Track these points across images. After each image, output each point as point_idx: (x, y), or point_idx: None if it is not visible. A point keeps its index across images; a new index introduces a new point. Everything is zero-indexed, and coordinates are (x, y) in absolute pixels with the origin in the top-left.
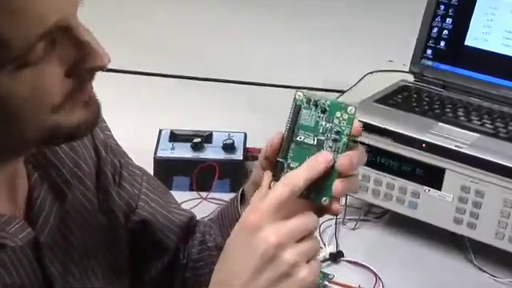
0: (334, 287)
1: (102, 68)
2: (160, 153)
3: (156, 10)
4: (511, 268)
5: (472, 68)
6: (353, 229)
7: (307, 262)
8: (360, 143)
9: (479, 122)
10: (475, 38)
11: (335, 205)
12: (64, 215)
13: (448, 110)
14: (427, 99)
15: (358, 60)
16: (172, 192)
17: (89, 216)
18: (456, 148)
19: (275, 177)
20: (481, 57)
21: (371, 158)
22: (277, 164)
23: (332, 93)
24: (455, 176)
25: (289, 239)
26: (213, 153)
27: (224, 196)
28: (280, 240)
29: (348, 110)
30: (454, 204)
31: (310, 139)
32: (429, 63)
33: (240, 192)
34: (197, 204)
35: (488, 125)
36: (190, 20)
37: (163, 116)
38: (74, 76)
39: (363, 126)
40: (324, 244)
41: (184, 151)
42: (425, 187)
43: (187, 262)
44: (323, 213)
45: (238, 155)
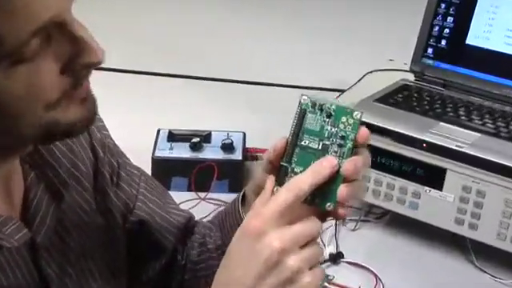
0: None
1: (97, 64)
2: (158, 153)
3: (156, 10)
4: None
5: (473, 67)
6: (353, 229)
7: (310, 269)
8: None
9: (480, 122)
10: (476, 37)
11: (341, 210)
12: (61, 216)
13: (449, 110)
14: (428, 98)
15: (358, 59)
16: (170, 192)
17: (86, 216)
18: (457, 148)
19: (278, 181)
20: (482, 56)
21: (371, 158)
22: (280, 168)
23: (332, 92)
24: (456, 176)
25: (293, 245)
26: (211, 153)
27: (223, 196)
28: (284, 245)
29: (354, 115)
30: (455, 204)
31: (315, 144)
32: (430, 62)
33: (241, 194)
34: (195, 204)
35: (489, 124)
36: (190, 20)
37: (161, 116)
38: (70, 72)
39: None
40: (324, 245)
41: (182, 151)
42: (426, 187)
43: (186, 264)
44: (326, 218)
45: (237, 155)
